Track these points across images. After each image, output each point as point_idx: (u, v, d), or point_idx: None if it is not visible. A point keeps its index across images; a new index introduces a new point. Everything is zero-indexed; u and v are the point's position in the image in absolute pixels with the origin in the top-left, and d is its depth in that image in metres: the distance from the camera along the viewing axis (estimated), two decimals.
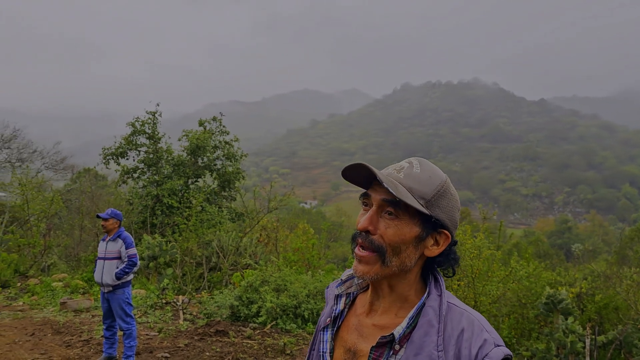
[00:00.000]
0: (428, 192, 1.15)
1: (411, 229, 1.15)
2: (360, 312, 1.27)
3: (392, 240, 1.14)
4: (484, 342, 1.09)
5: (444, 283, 1.23)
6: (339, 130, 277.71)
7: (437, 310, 1.14)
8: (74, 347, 7.25)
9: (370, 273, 1.16)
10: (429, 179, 1.17)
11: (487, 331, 1.12)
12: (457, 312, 1.16)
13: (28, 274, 13.48)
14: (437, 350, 1.08)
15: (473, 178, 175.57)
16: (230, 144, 20.48)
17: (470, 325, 1.13)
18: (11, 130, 24.53)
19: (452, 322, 1.14)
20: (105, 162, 19.15)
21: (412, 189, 1.14)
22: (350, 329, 1.26)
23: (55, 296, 10.92)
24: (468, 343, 1.09)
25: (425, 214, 1.14)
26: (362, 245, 1.17)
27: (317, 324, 1.38)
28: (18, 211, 16.03)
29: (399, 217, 1.14)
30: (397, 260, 1.15)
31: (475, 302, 6.75)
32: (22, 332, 8.15)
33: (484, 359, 1.07)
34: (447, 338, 1.10)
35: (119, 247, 6.38)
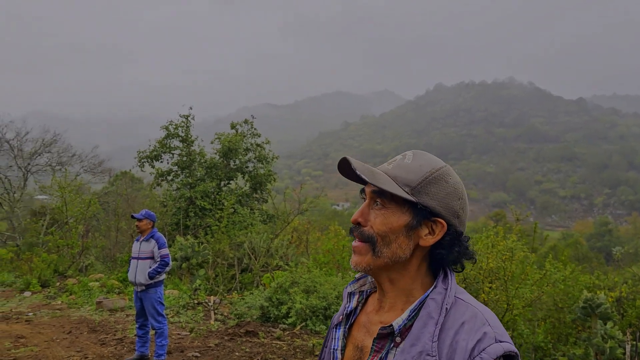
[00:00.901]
0: (414, 179, 1.14)
1: (399, 218, 1.14)
2: (370, 310, 1.27)
3: (380, 230, 1.15)
4: (483, 336, 1.05)
5: (454, 278, 1.19)
6: (371, 132, 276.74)
7: (439, 303, 1.11)
8: (108, 345, 7.43)
9: (362, 263, 1.17)
10: (418, 167, 1.16)
11: (490, 325, 1.08)
12: (462, 306, 1.12)
13: (67, 274, 13.89)
14: (432, 341, 1.05)
15: (508, 179, 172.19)
16: (262, 146, 20.64)
17: (472, 318, 1.09)
18: (52, 134, 25.39)
19: (454, 315, 1.10)
20: (140, 165, 19.60)
21: (397, 177, 1.15)
22: (360, 326, 1.26)
23: (91, 296, 11.22)
24: (466, 335, 1.05)
25: (412, 201, 1.13)
26: (356, 237, 1.20)
27: (331, 321, 1.38)
28: (57, 213, 16.53)
29: (385, 206, 1.16)
30: (388, 251, 1.15)
31: (508, 304, 6.60)
32: (59, 330, 8.40)
33: (481, 353, 1.02)
34: (446, 330, 1.07)
35: (152, 247, 6.51)
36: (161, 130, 19.70)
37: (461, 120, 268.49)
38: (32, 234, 18.37)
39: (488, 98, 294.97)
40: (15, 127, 24.18)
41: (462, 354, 1.03)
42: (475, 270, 6.71)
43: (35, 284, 12.42)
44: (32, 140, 24.52)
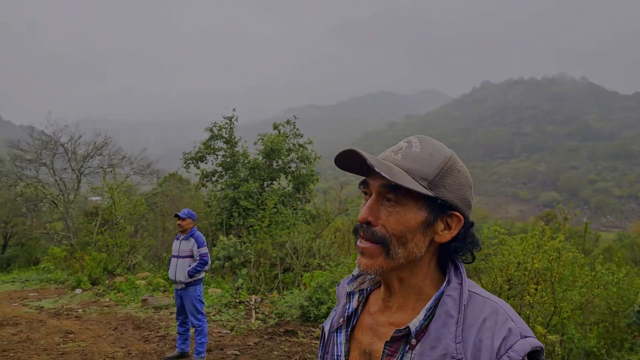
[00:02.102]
0: (430, 172, 1.05)
1: (416, 215, 1.05)
2: (374, 311, 1.18)
3: (395, 230, 1.04)
4: (509, 332, 0.98)
5: (464, 270, 1.11)
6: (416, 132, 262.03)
7: (456, 300, 1.03)
8: (151, 342, 7.59)
9: (374, 266, 1.06)
10: (430, 157, 1.07)
11: (513, 320, 1.01)
12: (479, 301, 1.05)
13: (115, 272, 14.34)
14: (455, 342, 0.97)
15: (559, 179, 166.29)
16: (304, 146, 20.70)
17: (493, 313, 1.02)
18: (102, 138, 26.33)
19: (473, 311, 1.03)
20: (185, 166, 20.05)
21: (411, 170, 1.04)
22: (365, 329, 1.16)
23: (138, 293, 11.53)
24: (490, 333, 0.98)
25: (430, 196, 1.03)
26: (364, 237, 1.07)
27: (329, 324, 1.29)
28: (107, 214, 17.11)
29: (400, 202, 1.05)
30: (404, 251, 1.05)
31: (555, 307, 6.32)
32: (106, 326, 8.65)
33: (508, 351, 0.96)
34: (467, 328, 1.00)
35: (192, 246, 6.60)
36: (206, 132, 20.08)
37: (509, 118, 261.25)
38: (85, 233, 19.10)
39: (538, 95, 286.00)
40: (69, 132, 25.22)
41: (487, 353, 0.96)
42: (520, 271, 6.47)
43: (86, 282, 12.88)
44: (84, 144, 25.51)
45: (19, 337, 7.87)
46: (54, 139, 24.44)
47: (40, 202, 24.24)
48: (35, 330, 8.37)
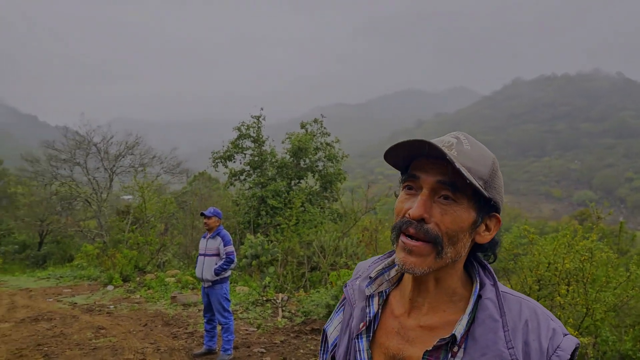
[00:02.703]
0: (485, 172, 1.02)
1: (469, 215, 1.02)
2: (399, 313, 1.12)
3: (449, 229, 1.00)
4: (554, 333, 0.99)
5: (492, 270, 1.10)
6: (445, 130, 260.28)
7: (496, 303, 1.01)
8: (179, 338, 7.70)
9: (423, 266, 1.01)
10: (482, 157, 1.04)
11: (553, 320, 1.02)
12: (514, 302, 1.04)
13: (146, 270, 14.61)
14: (508, 348, 0.95)
15: (594, 177, 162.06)
16: (332, 145, 20.68)
17: (533, 314, 1.01)
18: (134, 137, 26.83)
19: (511, 312, 1.01)
20: (214, 165, 20.27)
21: (470, 168, 1.00)
22: (390, 333, 1.11)
23: (167, 290, 11.72)
24: (535, 335, 0.98)
25: (484, 197, 1.01)
26: (413, 236, 1.01)
27: (332, 327, 1.26)
28: (138, 212, 17.44)
29: (457, 201, 1.01)
30: (453, 251, 1.02)
31: (588, 309, 6.15)
32: (136, 322, 8.82)
33: (557, 351, 0.96)
34: (512, 331, 0.98)
35: (218, 244, 6.66)
36: (234, 131, 20.26)
37: (542, 115, 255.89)
38: (117, 231, 19.52)
39: (571, 91, 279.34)
40: (102, 132, 25.78)
41: (537, 355, 0.96)
42: (550, 271, 6.32)
43: (118, 279, 13.15)
44: (116, 144, 26.01)
45: (53, 331, 8.09)
46: (87, 139, 25.02)
47: (74, 200, 24.84)
48: (69, 325, 8.58)
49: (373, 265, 1.24)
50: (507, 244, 6.91)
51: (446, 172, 1.00)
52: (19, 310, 9.99)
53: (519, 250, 6.90)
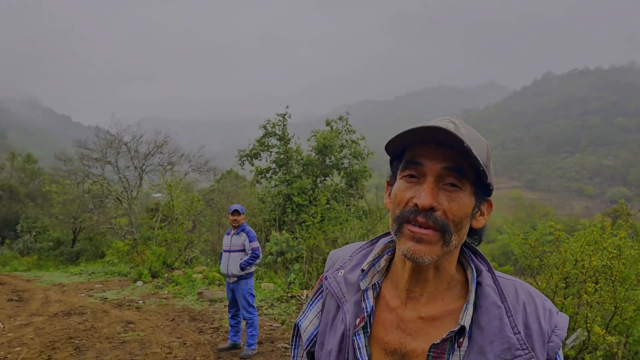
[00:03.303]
0: (484, 157, 1.00)
1: (471, 201, 1.01)
2: (395, 305, 1.08)
3: (456, 216, 0.98)
4: (550, 313, 1.02)
5: (483, 254, 1.10)
6: (474, 126, 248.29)
7: (495, 289, 1.01)
8: (205, 333, 7.83)
9: (432, 254, 0.97)
10: (479, 141, 1.02)
11: (546, 300, 1.04)
12: (510, 285, 1.04)
13: (174, 266, 14.88)
14: (515, 333, 0.95)
15: (630, 173, 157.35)
16: (357, 142, 20.66)
17: (529, 297, 1.03)
18: (162, 136, 27.29)
19: (509, 297, 1.01)
20: (240, 163, 20.48)
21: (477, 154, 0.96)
22: (389, 327, 1.06)
23: (194, 286, 11.92)
24: (534, 317, 1.00)
25: (483, 182, 1.01)
26: (423, 225, 0.97)
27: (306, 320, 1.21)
28: (166, 210, 17.75)
29: (462, 188, 0.99)
30: (457, 238, 1.00)
31: (616, 307, 6.01)
32: (164, 317, 9.01)
33: (555, 330, 1.00)
34: (514, 316, 0.99)
35: (243, 240, 6.75)
36: (259, 129, 20.43)
37: (574, 110, 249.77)
38: (146, 228, 19.92)
39: (605, 85, 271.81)
40: (132, 131, 26.31)
41: (539, 337, 0.98)
42: (577, 269, 6.20)
43: (146, 275, 13.43)
44: (146, 143, 26.52)
45: (84, 325, 8.33)
46: (117, 138, 25.58)
47: (105, 198, 25.44)
48: (99, 319, 8.83)
49: (356, 255, 1.19)
50: (532, 241, 6.79)
51: (451, 157, 0.97)
52: (52, 305, 10.32)
53: (545, 247, 6.77)
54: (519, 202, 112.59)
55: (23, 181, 35.73)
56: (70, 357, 6.47)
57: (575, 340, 6.26)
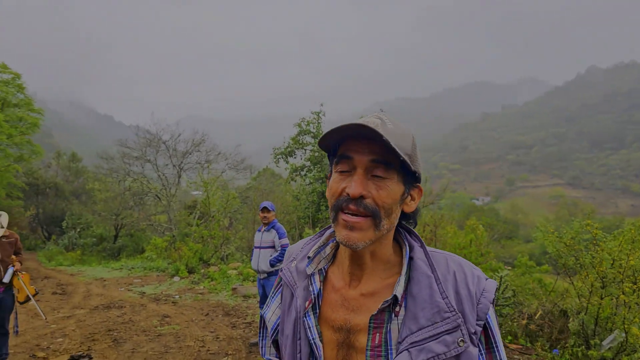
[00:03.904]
0: (408, 147, 1.10)
1: (399, 188, 1.11)
2: (340, 286, 1.19)
3: (385, 203, 1.08)
4: (478, 278, 1.11)
5: (417, 233, 1.20)
6: (513, 123, 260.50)
7: (426, 261, 1.12)
8: (238, 328, 7.99)
9: (365, 239, 1.08)
10: (403, 133, 1.11)
11: (475, 268, 1.14)
12: (440, 258, 1.15)
13: (210, 262, 15.17)
14: (443, 298, 1.06)
15: None
16: None
17: (459, 266, 1.13)
18: (200, 135, 27.82)
19: (440, 267, 1.12)
20: (275, 161, 20.67)
21: (398, 145, 1.06)
22: (335, 306, 1.17)
23: (229, 282, 12.14)
24: (464, 283, 1.09)
25: (409, 170, 1.10)
26: (354, 212, 1.08)
27: (270, 312, 1.33)
28: (203, 207, 18.11)
29: (389, 177, 1.09)
30: (388, 222, 1.10)
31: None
32: (199, 312, 9.22)
33: (483, 293, 1.09)
34: (443, 284, 1.09)
35: (273, 237, 6.86)
36: (294, 127, 20.56)
37: (619, 105, 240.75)
38: (184, 225, 20.36)
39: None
40: (170, 130, 26.92)
41: (469, 300, 1.07)
42: (614, 268, 6.02)
43: (183, 270, 13.76)
44: (184, 141, 27.11)
45: (123, 318, 8.62)
46: (157, 137, 26.23)
47: (145, 196, 26.12)
48: (137, 313, 9.11)
49: (306, 246, 1.30)
50: (567, 239, 6.64)
51: (377, 151, 1.07)
52: (93, 298, 10.72)
53: (581, 246, 6.61)
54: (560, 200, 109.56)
55: (68, 179, 37.08)
56: (108, 348, 6.72)
57: (612, 342, 6.11)
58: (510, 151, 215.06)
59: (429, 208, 15.89)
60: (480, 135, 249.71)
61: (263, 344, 1.40)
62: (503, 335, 7.33)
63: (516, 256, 28.40)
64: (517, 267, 15.49)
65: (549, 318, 7.43)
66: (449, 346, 1.02)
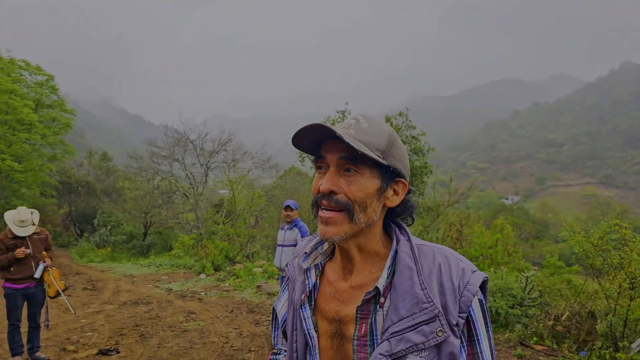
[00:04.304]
0: (381, 143, 1.15)
1: (373, 182, 1.15)
2: (333, 280, 1.25)
3: (357, 197, 1.13)
4: (463, 271, 1.12)
5: (407, 228, 1.23)
6: (544, 120, 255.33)
7: (410, 254, 1.15)
8: (261, 325, 8.07)
9: (340, 233, 1.14)
10: (378, 131, 1.16)
11: (462, 261, 1.16)
12: (428, 251, 1.17)
13: (235, 260, 15.35)
14: (422, 289, 1.09)
15: None
16: (417, 138, 20.38)
17: (445, 259, 1.15)
18: (227, 134, 28.10)
19: (426, 260, 1.15)
20: (300, 159, 20.75)
21: (367, 142, 1.13)
22: (328, 298, 1.24)
23: (254, 280, 12.27)
24: (448, 276, 1.11)
25: (383, 165, 1.14)
26: (327, 207, 1.15)
27: (280, 304, 1.42)
28: (229, 205, 18.32)
29: (359, 172, 1.14)
30: (365, 216, 1.14)
31: None
32: (224, 309, 9.35)
33: (467, 286, 1.10)
34: (427, 276, 1.11)
35: (295, 235, 6.92)
36: None
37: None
38: (211, 223, 20.62)
39: None
40: (198, 130, 27.27)
41: (451, 293, 1.09)
42: None
43: (209, 268, 13.95)
44: (211, 141, 27.41)
45: (150, 314, 8.80)
46: (184, 136, 26.60)
47: (173, 194, 26.52)
48: (164, 309, 9.29)
49: (308, 243, 1.38)
50: (595, 239, 6.51)
51: (346, 149, 1.12)
52: (122, 294, 10.96)
53: (609, 246, 6.47)
54: (592, 199, 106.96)
55: (99, 178, 37.94)
56: (135, 343, 6.88)
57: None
58: (540, 149, 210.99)
59: (454, 207, 15.72)
60: (510, 133, 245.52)
61: (275, 334, 1.49)
62: (528, 335, 7.23)
63: (545, 256, 27.91)
64: (545, 267, 15.23)
65: (576, 319, 7.29)
66: (427, 336, 1.05)
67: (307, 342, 1.24)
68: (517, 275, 9.18)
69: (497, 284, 8.49)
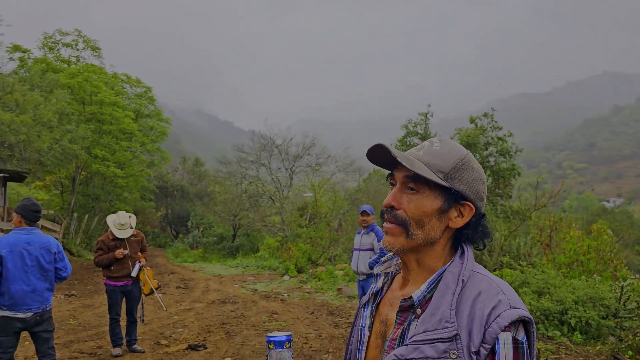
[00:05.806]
0: (446, 166, 1.20)
1: (432, 202, 1.20)
2: (394, 288, 1.34)
3: (414, 214, 1.20)
4: (498, 303, 1.10)
5: (471, 254, 1.25)
6: None
7: (455, 275, 1.18)
8: (340, 327, 8.23)
9: (396, 244, 1.22)
10: (447, 154, 1.22)
11: (505, 294, 1.13)
12: (479, 278, 1.18)
13: (318, 262, 15.66)
14: (450, 309, 1.12)
15: None
16: (504, 139, 19.72)
17: (487, 288, 1.15)
18: (310, 139, 28.69)
19: (472, 286, 1.16)
20: None
21: (430, 163, 1.19)
22: (386, 303, 1.33)
23: (335, 282, 12.48)
24: (482, 304, 1.11)
25: (444, 186, 1.18)
26: (388, 220, 1.23)
27: (359, 302, 1.49)
28: (312, 209, 18.71)
29: (420, 191, 1.20)
30: (422, 233, 1.20)
31: None
32: (305, 310, 9.62)
33: (496, 319, 1.08)
34: (465, 300, 1.13)
35: (372, 239, 7.01)
36: (401, 129, 20.51)
37: None
38: (295, 226, 21.17)
39: None
40: (283, 134, 28.10)
41: (479, 321, 1.10)
42: None
43: (293, 270, 14.37)
44: (295, 145, 28.14)
45: (235, 313, 9.27)
46: (270, 141, 27.51)
47: (260, 198, 27.49)
48: (249, 308, 9.74)
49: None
50: None
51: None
52: (211, 293, 11.60)
53: None
54: None
55: (192, 182, 40.16)
56: (221, 340, 7.30)
57: None
58: None
59: (548, 210, 14.99)
60: (611, 131, 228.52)
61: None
62: (623, 349, 6.81)
63: None
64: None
65: None
66: (439, 353, 1.09)
67: (359, 338, 1.36)
68: (611, 284, 8.64)
69: (587, 292, 8.06)
